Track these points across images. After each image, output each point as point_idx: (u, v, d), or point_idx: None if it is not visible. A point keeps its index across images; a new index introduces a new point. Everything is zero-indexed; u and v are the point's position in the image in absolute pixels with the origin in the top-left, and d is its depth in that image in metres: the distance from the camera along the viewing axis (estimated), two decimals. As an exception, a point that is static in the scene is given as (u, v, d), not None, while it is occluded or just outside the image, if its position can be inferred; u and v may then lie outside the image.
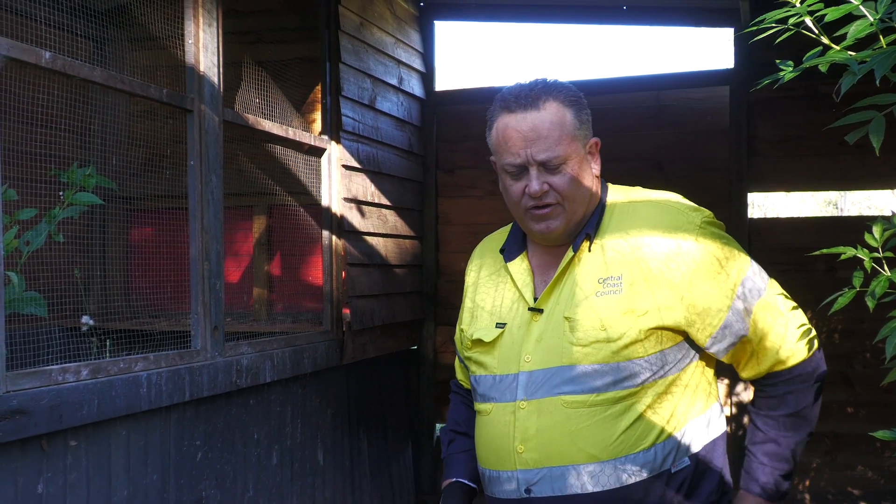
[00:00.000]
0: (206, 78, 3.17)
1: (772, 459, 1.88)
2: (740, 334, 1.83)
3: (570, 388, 1.78)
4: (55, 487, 2.45)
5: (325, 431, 4.10)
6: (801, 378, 1.87)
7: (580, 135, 1.84)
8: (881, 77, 1.27)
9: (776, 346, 1.84)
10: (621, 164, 4.94)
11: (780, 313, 1.85)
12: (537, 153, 1.80)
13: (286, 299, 4.62)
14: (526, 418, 1.81)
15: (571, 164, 1.82)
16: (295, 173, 4.22)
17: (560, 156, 1.80)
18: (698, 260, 1.80)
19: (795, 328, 1.85)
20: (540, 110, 1.81)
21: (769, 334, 1.84)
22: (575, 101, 1.85)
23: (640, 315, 1.77)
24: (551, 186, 1.82)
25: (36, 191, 3.02)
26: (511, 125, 1.82)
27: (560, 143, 1.80)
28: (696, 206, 1.92)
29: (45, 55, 2.50)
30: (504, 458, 1.85)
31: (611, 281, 1.80)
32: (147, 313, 4.09)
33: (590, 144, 1.88)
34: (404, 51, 5.05)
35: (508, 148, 1.83)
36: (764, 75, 1.54)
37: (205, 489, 3.14)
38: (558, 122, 1.81)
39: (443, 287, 5.37)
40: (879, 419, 4.44)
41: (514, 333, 1.89)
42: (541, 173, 1.81)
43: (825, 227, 4.86)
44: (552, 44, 64.30)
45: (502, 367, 1.88)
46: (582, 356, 1.78)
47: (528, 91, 1.84)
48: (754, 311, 1.83)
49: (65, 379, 2.49)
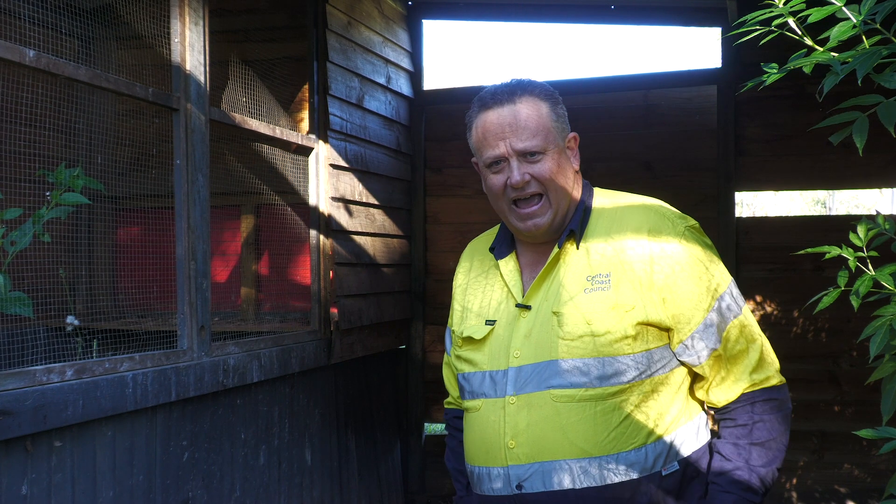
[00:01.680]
0: (192, 77, 3.16)
1: (737, 488, 1.82)
2: (711, 347, 1.83)
3: (558, 382, 1.79)
4: (40, 489, 2.43)
5: (313, 431, 4.09)
6: (773, 405, 1.86)
7: (557, 127, 1.88)
8: (864, 77, 1.27)
9: (749, 367, 1.85)
10: (610, 163, 4.95)
11: (754, 336, 1.86)
12: (516, 142, 1.84)
13: (274, 299, 4.61)
14: (516, 413, 1.82)
15: (551, 155, 1.85)
16: (282, 173, 4.21)
17: (539, 144, 1.84)
18: (682, 263, 1.81)
19: (770, 354, 1.88)
20: (517, 103, 1.85)
21: (743, 355, 1.85)
22: (549, 95, 1.90)
23: (626, 311, 1.78)
24: (532, 176, 1.85)
25: (21, 190, 3.00)
26: (489, 119, 1.87)
27: (538, 132, 1.84)
28: (682, 213, 1.93)
29: (30, 53, 2.48)
30: (494, 454, 1.85)
31: (599, 279, 1.82)
32: (134, 313, 4.07)
33: (568, 139, 1.91)
34: (392, 50, 5.05)
35: (488, 142, 1.87)
36: (751, 75, 1.55)
37: (191, 490, 3.13)
38: (535, 113, 1.85)
39: (431, 286, 5.37)
40: (866, 418, 4.46)
41: (503, 330, 1.90)
42: (521, 163, 1.85)
43: (813, 227, 4.88)
44: (540, 43, 64.33)
45: (492, 363, 1.90)
46: (569, 350, 1.79)
47: (503, 88, 1.88)
48: (728, 328, 1.83)
49: (49, 379, 2.48)
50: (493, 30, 73.92)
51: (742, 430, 1.85)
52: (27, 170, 3.05)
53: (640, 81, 5.04)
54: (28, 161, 3.05)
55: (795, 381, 4.65)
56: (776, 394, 1.86)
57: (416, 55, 5.39)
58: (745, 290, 4.73)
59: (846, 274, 1.63)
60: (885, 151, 4.47)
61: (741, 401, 1.86)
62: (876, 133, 1.42)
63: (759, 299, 4.74)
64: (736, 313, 1.85)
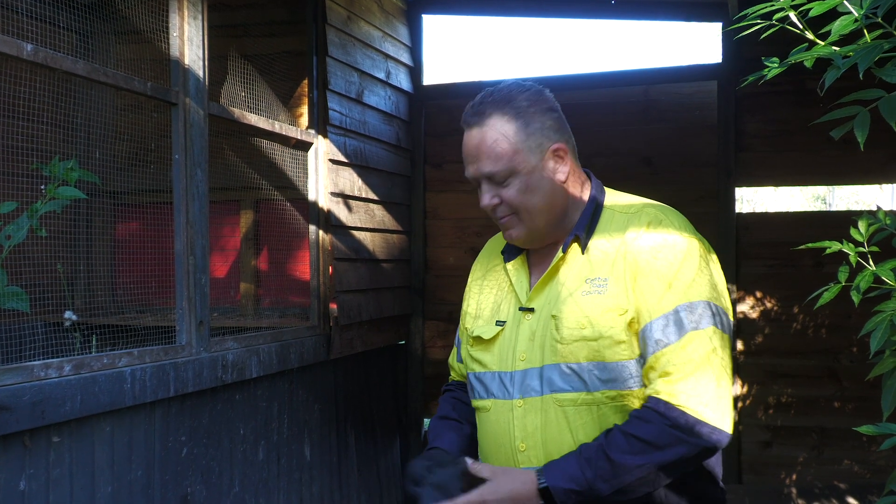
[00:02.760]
0: (191, 71, 3.15)
1: (583, 459, 1.71)
2: (657, 347, 1.73)
3: (559, 385, 1.79)
4: (38, 484, 2.43)
5: (313, 427, 4.08)
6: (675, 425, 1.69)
7: (529, 146, 1.82)
8: (866, 71, 1.26)
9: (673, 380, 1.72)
10: (610, 159, 4.94)
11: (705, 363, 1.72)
12: (482, 167, 1.84)
13: (273, 294, 4.61)
14: (523, 416, 1.83)
15: (520, 177, 1.83)
16: (282, 168, 4.20)
17: (503, 170, 1.82)
18: (685, 252, 1.79)
19: (716, 390, 1.71)
20: (482, 126, 1.83)
21: (678, 369, 1.72)
22: (521, 113, 1.83)
23: (619, 314, 1.76)
24: (502, 199, 1.85)
25: (17, 185, 2.99)
26: (464, 141, 1.88)
27: (501, 158, 1.81)
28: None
29: (27, 47, 2.47)
30: (507, 456, 1.86)
31: (597, 282, 1.81)
32: (132, 308, 4.06)
33: (550, 150, 1.84)
34: (392, 45, 5.03)
35: (464, 162, 1.89)
36: (752, 70, 1.54)
37: (190, 485, 3.12)
38: (501, 136, 1.82)
39: (431, 282, 5.36)
40: (866, 414, 4.46)
41: (510, 332, 1.91)
42: (491, 187, 1.85)
43: (813, 222, 4.87)
44: (540, 38, 64.20)
45: (500, 364, 1.90)
46: (568, 354, 1.79)
47: (478, 104, 1.86)
48: (686, 337, 1.72)
49: (47, 375, 2.47)
50: (493, 24, 73.74)
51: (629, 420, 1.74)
52: (25, 165, 3.04)
53: (640, 77, 5.02)
54: (26, 156, 3.04)
55: (795, 377, 4.65)
56: (680, 418, 1.69)
57: (415, 50, 5.38)
58: (745, 285, 4.73)
59: (847, 269, 1.63)
60: (886, 147, 4.46)
61: (649, 401, 1.74)
62: (876, 128, 1.41)
63: (759, 295, 4.73)
64: (696, 327, 1.73)
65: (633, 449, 1.68)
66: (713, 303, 1.77)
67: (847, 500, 4.46)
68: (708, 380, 1.71)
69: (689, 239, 1.82)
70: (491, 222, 2.13)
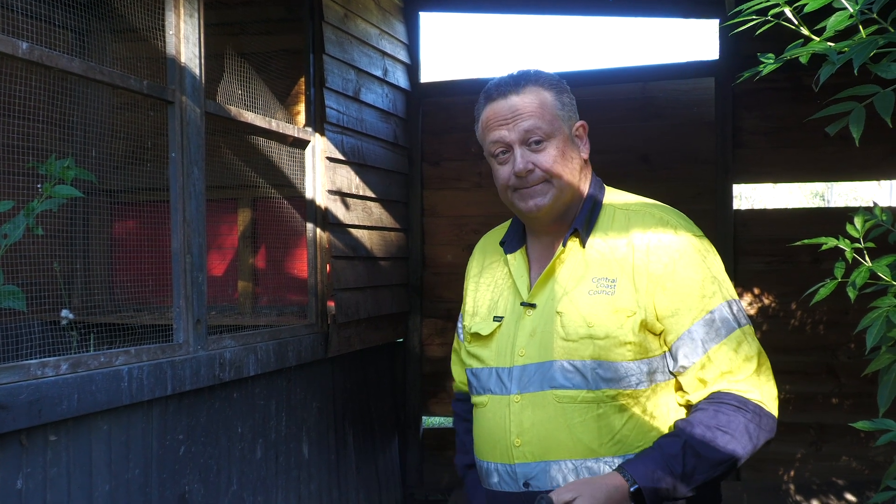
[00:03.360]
0: (187, 69, 3.14)
1: (668, 455, 1.70)
2: (706, 348, 1.76)
3: (560, 382, 1.79)
4: (35, 483, 2.43)
5: (311, 425, 4.08)
6: (740, 410, 1.74)
7: (563, 115, 1.86)
8: (861, 66, 1.26)
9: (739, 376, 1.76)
10: (607, 156, 4.92)
11: (750, 355, 1.78)
12: (521, 124, 1.83)
13: (271, 292, 4.60)
14: (520, 412, 1.82)
15: (556, 142, 1.84)
16: (279, 166, 4.20)
17: (542, 128, 1.82)
18: (683, 252, 1.80)
19: (767, 379, 1.78)
20: (520, 93, 1.85)
21: (732, 363, 1.77)
22: (555, 85, 1.89)
23: (628, 316, 1.77)
24: (536, 165, 1.83)
25: (14, 183, 2.98)
26: (493, 108, 1.87)
27: (542, 117, 1.83)
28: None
29: (23, 46, 2.47)
30: (501, 451, 1.86)
31: (605, 282, 1.81)
32: (130, 307, 4.06)
33: (576, 127, 1.90)
34: (389, 42, 5.03)
35: (492, 130, 1.87)
36: (749, 67, 1.54)
37: (188, 483, 3.12)
38: (539, 101, 1.84)
39: (429, 279, 5.36)
40: (864, 410, 4.46)
41: (509, 327, 1.90)
42: (525, 152, 1.83)
43: (811, 219, 4.87)
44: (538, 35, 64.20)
45: (498, 360, 1.90)
46: (571, 351, 1.79)
47: (507, 80, 1.89)
48: (734, 336, 1.77)
49: (44, 373, 2.47)
50: (491, 22, 73.75)
51: (703, 414, 1.75)
52: (22, 163, 3.04)
53: (637, 74, 5.02)
54: (22, 154, 3.03)
55: (793, 373, 4.65)
56: (750, 405, 1.75)
57: (413, 48, 5.37)
58: (743, 282, 4.73)
59: (843, 265, 1.63)
60: (883, 143, 4.46)
61: (710, 397, 1.78)
62: (873, 125, 1.41)
63: (756, 291, 4.73)
64: (739, 324, 1.79)
65: (721, 443, 1.70)
66: (737, 299, 1.84)
67: (845, 496, 4.46)
68: (768, 376, 1.79)
69: (700, 238, 1.85)
70: (489, 220, 2.12)
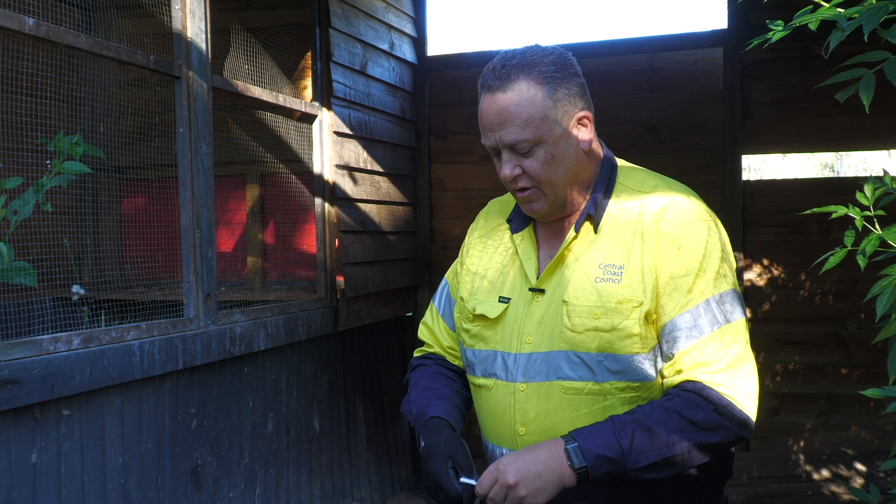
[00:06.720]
0: (193, 44, 3.14)
1: (618, 427, 1.63)
2: (690, 337, 1.69)
3: (566, 373, 1.74)
4: (49, 456, 2.45)
5: (321, 398, 4.11)
6: (720, 411, 1.66)
7: (555, 114, 1.73)
8: (871, 34, 1.25)
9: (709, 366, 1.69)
10: (615, 127, 4.92)
11: (733, 349, 1.70)
12: (505, 135, 1.72)
13: (280, 268, 4.62)
14: (525, 401, 1.78)
15: (545, 147, 1.73)
16: (286, 141, 4.19)
17: (528, 139, 1.71)
18: (706, 239, 1.73)
19: (755, 385, 1.70)
20: (507, 91, 1.72)
21: (716, 352, 1.69)
22: (549, 77, 1.73)
23: (636, 305, 1.71)
24: (524, 170, 1.75)
25: (23, 160, 2.99)
26: (483, 107, 1.76)
27: (528, 125, 1.71)
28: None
29: (29, 21, 2.46)
30: (507, 438, 1.82)
31: (612, 269, 1.74)
32: (140, 283, 4.08)
33: (575, 118, 1.77)
34: (395, 15, 5.00)
35: (483, 130, 1.78)
36: (758, 36, 1.52)
37: (200, 457, 3.15)
38: (527, 102, 1.71)
39: (437, 253, 5.36)
40: (873, 380, 4.46)
41: (516, 311, 1.83)
42: (512, 157, 1.75)
43: (820, 189, 4.85)
44: (545, 6, 63.72)
45: (504, 344, 1.83)
46: (577, 343, 1.73)
47: (500, 68, 1.74)
48: (723, 329, 1.70)
49: (56, 349, 2.49)
50: (498, -5, 73.13)
51: (664, 399, 1.69)
52: (30, 140, 3.04)
53: (645, 44, 4.99)
54: (31, 131, 3.04)
55: (802, 344, 4.66)
56: (714, 397, 1.65)
57: (419, 21, 5.34)
58: (752, 253, 4.72)
59: (853, 234, 1.62)
60: (894, 112, 4.43)
61: (680, 385, 1.70)
62: (884, 93, 1.40)
63: (765, 262, 4.73)
64: (729, 318, 1.71)
65: (678, 426, 1.62)
66: (737, 290, 1.74)
67: (854, 465, 4.48)
68: (749, 373, 1.69)
69: (708, 223, 1.76)
70: (497, 193, 2.07)
